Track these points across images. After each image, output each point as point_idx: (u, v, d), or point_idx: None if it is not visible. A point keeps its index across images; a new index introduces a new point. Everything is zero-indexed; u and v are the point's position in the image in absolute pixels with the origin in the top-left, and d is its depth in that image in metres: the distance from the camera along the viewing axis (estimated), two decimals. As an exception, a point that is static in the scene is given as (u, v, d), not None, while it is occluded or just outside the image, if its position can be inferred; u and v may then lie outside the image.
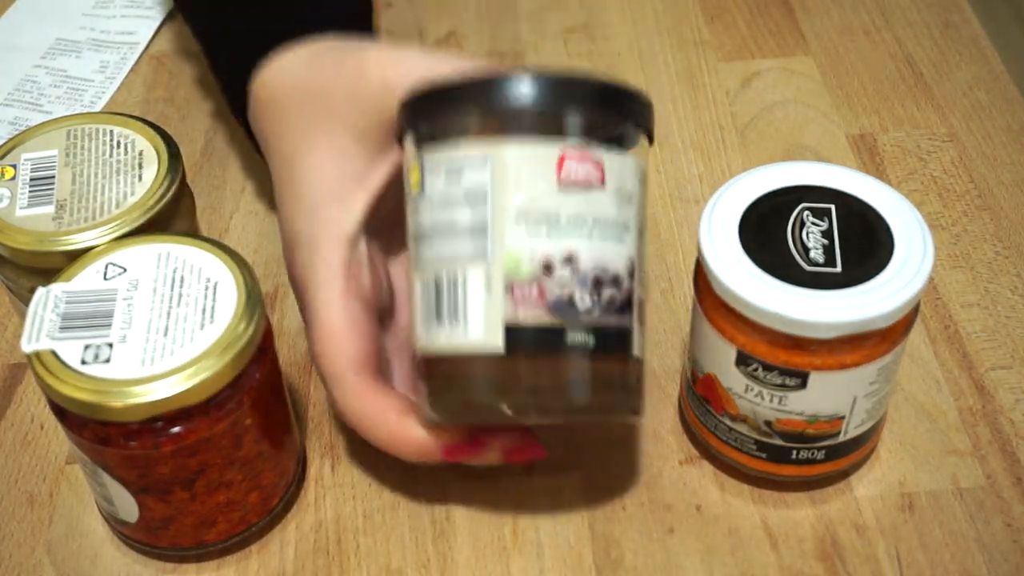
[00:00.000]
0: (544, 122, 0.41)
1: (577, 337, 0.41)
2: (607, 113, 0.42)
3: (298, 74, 0.50)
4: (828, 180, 0.48)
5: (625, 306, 0.42)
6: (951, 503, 0.49)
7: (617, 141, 0.42)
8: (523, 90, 0.41)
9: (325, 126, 0.48)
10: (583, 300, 0.41)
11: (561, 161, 0.41)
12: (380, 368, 0.47)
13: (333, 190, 0.47)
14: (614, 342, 0.42)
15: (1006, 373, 0.54)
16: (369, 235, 0.48)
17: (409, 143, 0.44)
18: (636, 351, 0.43)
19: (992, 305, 0.57)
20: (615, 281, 0.42)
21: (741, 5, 0.76)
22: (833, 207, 0.47)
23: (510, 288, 0.41)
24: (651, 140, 0.45)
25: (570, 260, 0.41)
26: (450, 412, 0.43)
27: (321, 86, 0.49)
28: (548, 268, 0.41)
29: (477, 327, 0.41)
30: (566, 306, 0.41)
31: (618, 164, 0.42)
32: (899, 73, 0.71)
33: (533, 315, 0.41)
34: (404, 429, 0.46)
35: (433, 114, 0.43)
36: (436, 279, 0.42)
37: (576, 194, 0.41)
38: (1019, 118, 0.68)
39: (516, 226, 0.41)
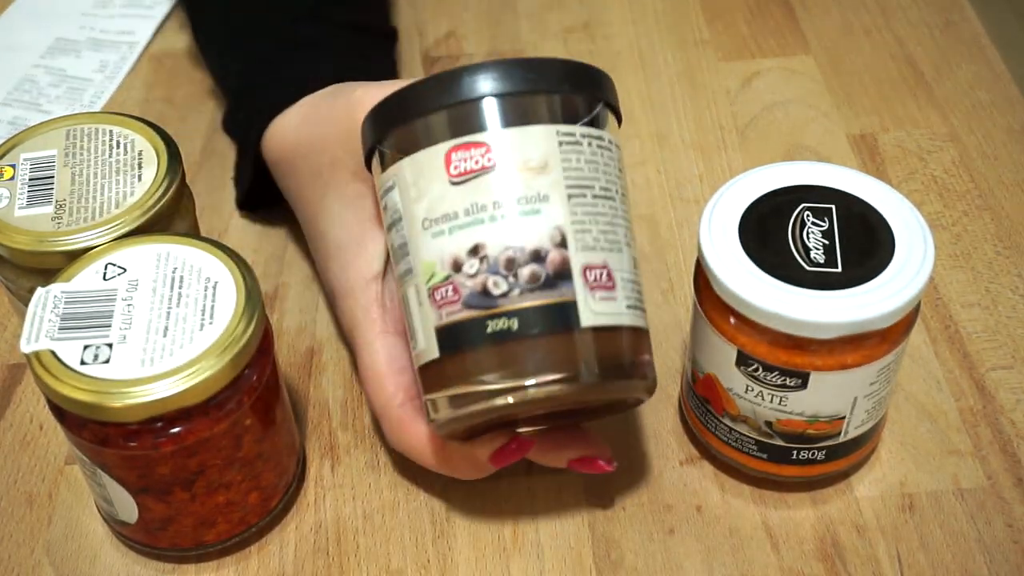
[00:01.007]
0: (428, 130, 0.42)
1: (498, 324, 0.41)
2: (482, 96, 0.41)
3: (299, 130, 0.53)
4: (828, 180, 0.48)
5: (559, 276, 0.41)
6: (952, 504, 0.49)
7: (516, 113, 0.42)
8: (397, 109, 0.42)
9: (331, 175, 0.50)
10: (497, 286, 0.41)
11: (448, 157, 0.41)
12: None
13: (354, 236, 0.49)
14: (547, 317, 0.41)
15: (1007, 373, 0.54)
16: None
17: None
18: (592, 320, 0.41)
19: (993, 305, 0.57)
20: (535, 256, 0.41)
21: (741, 5, 0.76)
22: (833, 207, 0.46)
23: (432, 294, 0.42)
24: (570, 92, 0.43)
25: (476, 251, 0.41)
26: (444, 423, 0.43)
27: (319, 137, 0.51)
28: (457, 265, 0.41)
29: (421, 338, 0.42)
30: (480, 296, 0.41)
31: (517, 138, 0.41)
32: (900, 73, 0.71)
33: (453, 313, 0.41)
34: (452, 451, 0.47)
35: (367, 157, 0.45)
36: (401, 300, 0.44)
37: (470, 184, 0.41)
38: (1020, 118, 0.67)
39: (425, 234, 0.42)
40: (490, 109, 0.41)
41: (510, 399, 0.41)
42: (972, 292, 0.58)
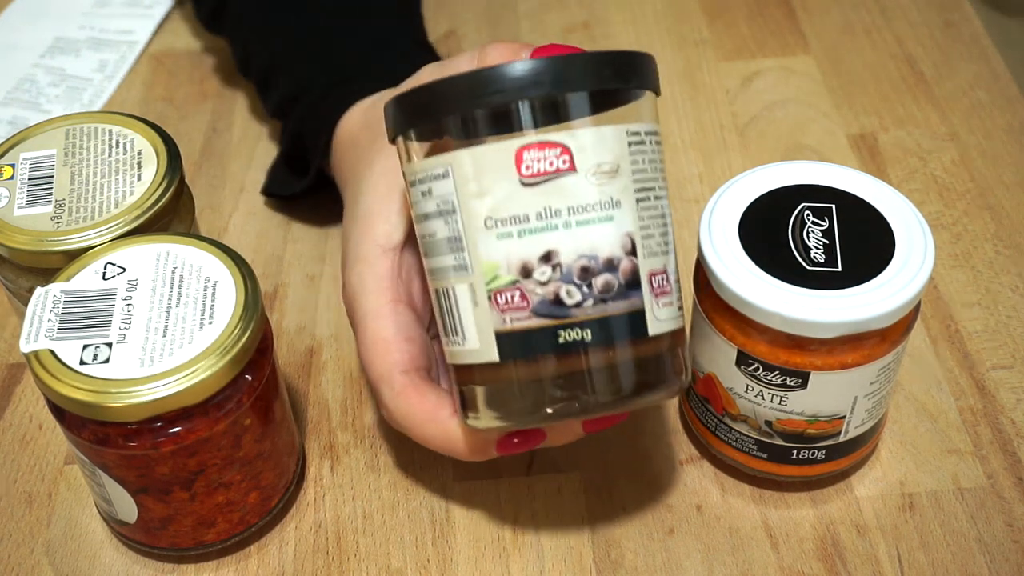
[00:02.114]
0: (496, 119, 0.39)
1: (570, 334, 0.39)
2: (561, 91, 0.39)
3: (368, 112, 0.54)
4: (828, 179, 0.48)
5: (629, 286, 0.40)
6: (952, 503, 0.49)
7: (589, 111, 0.40)
8: (464, 92, 0.39)
9: (383, 146, 0.50)
10: (570, 295, 0.39)
11: (519, 156, 0.39)
12: (431, 373, 0.47)
13: (383, 204, 0.48)
14: (619, 328, 0.40)
15: (1007, 373, 0.54)
16: None
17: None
18: (657, 328, 0.40)
19: (993, 304, 0.57)
20: (609, 265, 0.39)
21: (741, 4, 0.76)
22: (834, 207, 0.46)
23: (493, 297, 0.40)
24: (642, 87, 0.41)
25: (548, 258, 0.39)
26: (493, 427, 0.42)
27: (380, 115, 0.51)
28: (526, 271, 0.39)
29: (473, 338, 0.41)
30: (552, 305, 0.39)
31: (592, 140, 0.39)
32: (899, 72, 0.71)
33: (520, 320, 0.39)
34: (454, 429, 0.45)
35: (399, 130, 0.41)
36: (437, 293, 0.42)
37: (543, 187, 0.39)
38: (1020, 117, 0.67)
39: (487, 234, 0.39)
40: (567, 107, 0.39)
41: (577, 407, 0.40)
42: (972, 292, 0.58)
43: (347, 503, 0.50)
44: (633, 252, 0.40)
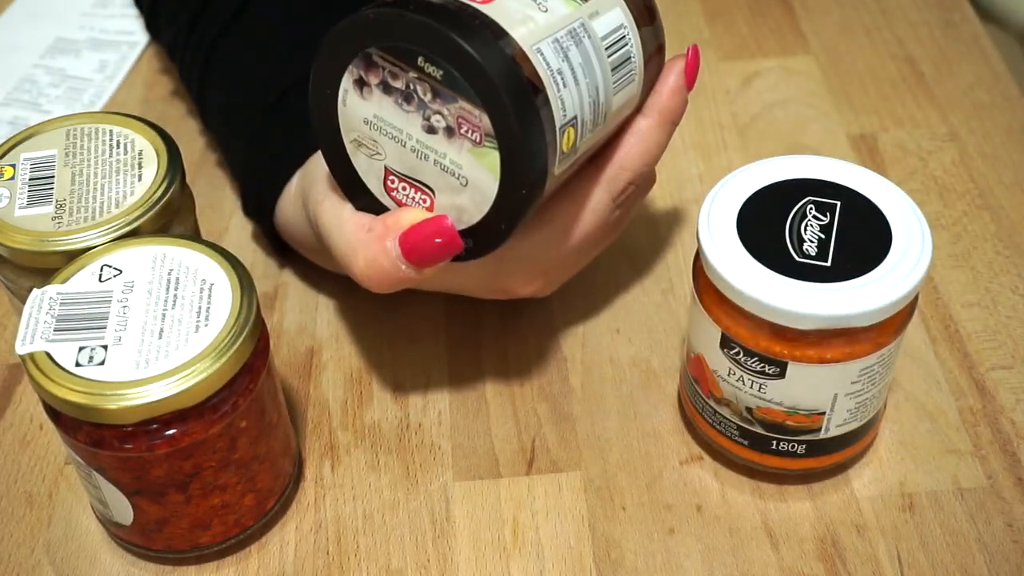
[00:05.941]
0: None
1: None
2: None
3: (295, 200, 0.54)
4: (839, 176, 0.48)
5: None
6: (952, 503, 0.49)
7: None
8: None
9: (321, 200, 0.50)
10: None
11: None
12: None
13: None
14: None
15: (1007, 373, 0.54)
16: None
17: None
18: None
19: (993, 305, 0.57)
20: None
21: (741, 4, 0.76)
22: (839, 203, 0.47)
23: None
24: None
25: None
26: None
27: (306, 189, 0.52)
28: None
29: None
30: None
31: None
32: (899, 72, 0.71)
33: None
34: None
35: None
36: None
37: None
38: (1020, 118, 0.67)
39: None
40: None
41: None
42: (972, 292, 0.58)
43: (347, 503, 0.50)
44: None
